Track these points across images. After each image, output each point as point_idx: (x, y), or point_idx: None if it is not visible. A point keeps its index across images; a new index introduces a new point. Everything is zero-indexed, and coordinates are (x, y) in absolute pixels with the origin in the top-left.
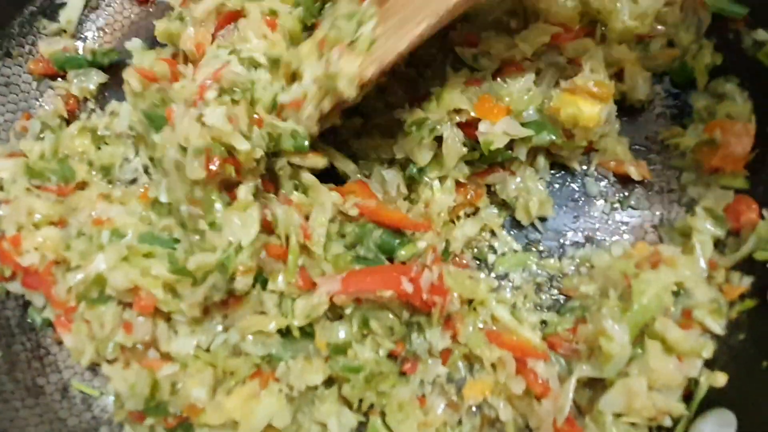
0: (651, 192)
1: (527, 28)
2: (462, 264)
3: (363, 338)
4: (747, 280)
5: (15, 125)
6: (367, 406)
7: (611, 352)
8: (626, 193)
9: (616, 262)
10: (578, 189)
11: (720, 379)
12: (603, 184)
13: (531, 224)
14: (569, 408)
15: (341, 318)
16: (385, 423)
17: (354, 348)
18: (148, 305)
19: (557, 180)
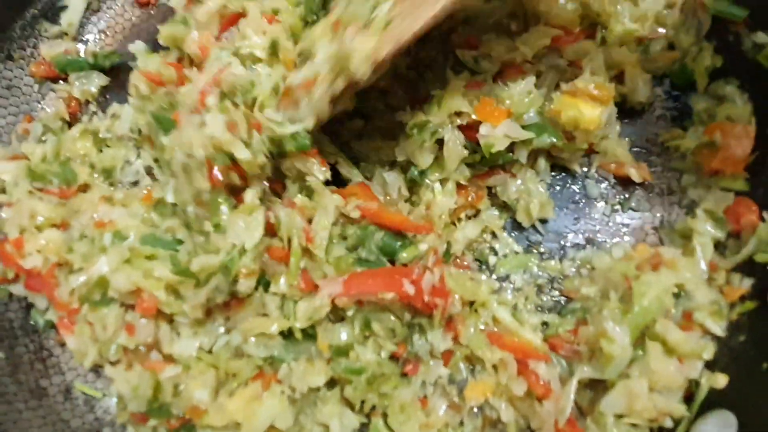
0: (651, 194)
1: (528, 31)
2: (463, 266)
3: (365, 340)
4: (747, 282)
5: (17, 128)
6: (369, 408)
7: (612, 354)
8: (627, 195)
9: (617, 264)
10: (579, 191)
11: (721, 381)
12: (603, 186)
13: (532, 226)
14: (570, 409)
15: (343, 320)
16: (387, 424)
17: (356, 350)
18: (151, 307)
19: (558, 182)
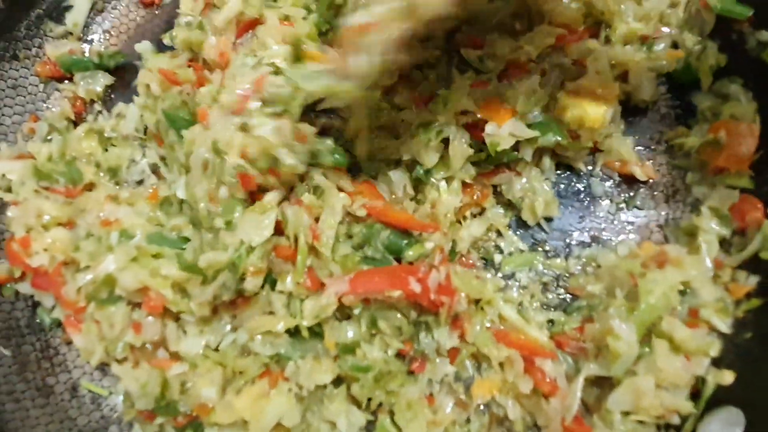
0: (656, 192)
1: (532, 30)
2: (469, 264)
3: (371, 338)
4: (753, 279)
5: (22, 127)
6: (376, 405)
7: (619, 351)
8: (631, 194)
9: (623, 262)
10: (584, 189)
11: (727, 378)
12: (608, 185)
13: (537, 224)
14: (577, 406)
15: (350, 318)
16: (394, 422)
17: (362, 348)
18: (158, 305)
19: (563, 180)
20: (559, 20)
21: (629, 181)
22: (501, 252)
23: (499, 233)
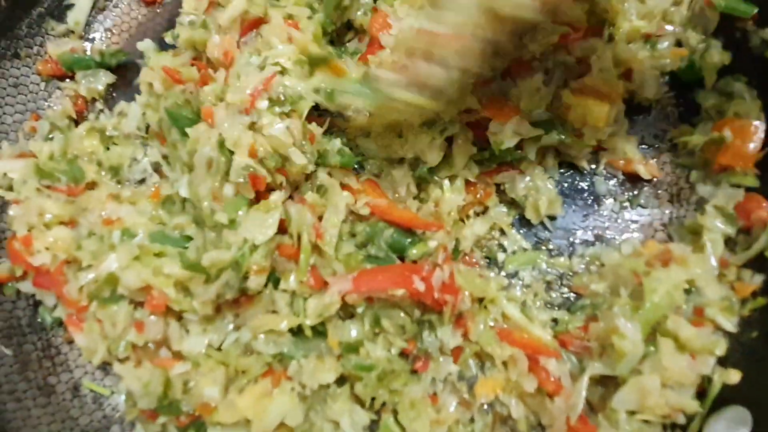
0: (660, 190)
1: (535, 29)
2: (472, 263)
3: (375, 337)
4: (758, 278)
5: (24, 126)
6: (380, 405)
7: (624, 350)
8: (635, 192)
9: (627, 261)
10: (587, 188)
11: (733, 377)
12: (612, 183)
13: (540, 223)
14: (582, 405)
15: (353, 317)
16: (398, 421)
17: (366, 346)
18: (160, 304)
19: (566, 179)
20: (563, 18)
21: (633, 180)
22: (504, 250)
23: (503, 232)
